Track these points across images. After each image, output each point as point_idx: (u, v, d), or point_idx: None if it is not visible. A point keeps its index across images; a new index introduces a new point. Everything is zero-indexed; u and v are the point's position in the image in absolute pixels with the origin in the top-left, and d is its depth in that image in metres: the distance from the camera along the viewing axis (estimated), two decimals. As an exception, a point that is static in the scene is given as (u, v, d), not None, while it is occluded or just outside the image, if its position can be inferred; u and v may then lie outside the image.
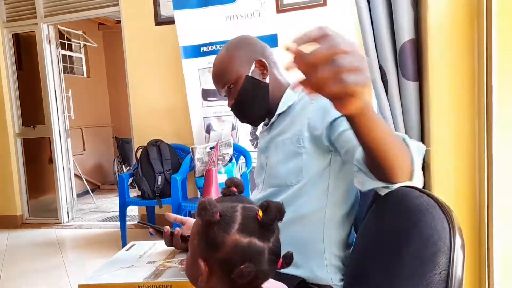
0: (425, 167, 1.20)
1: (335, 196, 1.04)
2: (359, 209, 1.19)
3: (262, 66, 1.11)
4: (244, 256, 0.59)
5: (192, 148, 3.01)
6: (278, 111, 1.11)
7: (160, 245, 1.23)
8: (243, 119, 1.19)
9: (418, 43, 1.16)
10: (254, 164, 2.91)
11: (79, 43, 5.94)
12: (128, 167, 5.62)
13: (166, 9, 3.40)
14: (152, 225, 1.12)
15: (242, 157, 3.09)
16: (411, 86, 1.16)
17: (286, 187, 1.05)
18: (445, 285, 0.55)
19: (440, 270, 0.55)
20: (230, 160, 2.98)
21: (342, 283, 1.04)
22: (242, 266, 0.58)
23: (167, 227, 1.08)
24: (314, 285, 1.04)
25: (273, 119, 1.13)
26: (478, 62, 1.06)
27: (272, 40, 2.99)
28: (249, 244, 0.59)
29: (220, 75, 1.13)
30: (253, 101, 1.12)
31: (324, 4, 3.04)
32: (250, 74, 1.10)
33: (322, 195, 1.03)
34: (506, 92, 1.02)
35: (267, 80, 1.11)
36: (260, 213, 0.60)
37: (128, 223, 3.33)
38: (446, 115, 1.10)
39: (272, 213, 0.60)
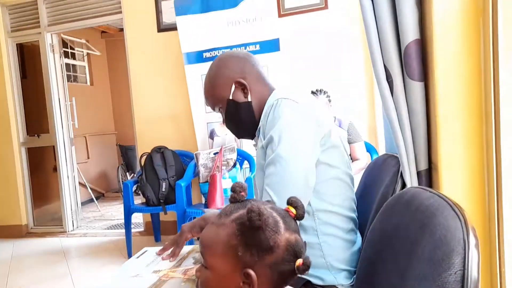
0: (433, 168, 1.19)
1: (318, 194, 1.03)
2: (364, 210, 1.18)
3: (242, 85, 1.12)
4: (295, 252, 0.62)
5: (196, 154, 3.00)
6: (260, 122, 1.10)
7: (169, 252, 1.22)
8: (238, 136, 1.25)
9: (423, 43, 1.15)
10: (258, 169, 2.90)
11: (82, 51, 5.98)
12: (132, 174, 5.62)
13: (169, 16, 3.41)
14: None
15: (246, 162, 3.08)
16: (417, 86, 1.14)
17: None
18: (461, 286, 0.54)
19: (455, 270, 0.54)
20: (234, 165, 2.97)
21: (349, 282, 1.03)
22: (300, 261, 0.61)
23: None
24: (319, 286, 1.03)
25: (258, 131, 1.13)
26: (484, 60, 1.05)
27: (274, 44, 3.00)
28: (296, 240, 0.63)
29: (207, 99, 1.19)
30: (240, 121, 1.16)
31: (326, 7, 3.05)
32: (231, 97, 1.13)
33: None
34: (513, 90, 1.01)
35: (249, 98, 1.13)
36: (294, 210, 0.65)
37: (133, 230, 3.33)
38: (453, 115, 1.09)
39: (302, 208, 0.65)
